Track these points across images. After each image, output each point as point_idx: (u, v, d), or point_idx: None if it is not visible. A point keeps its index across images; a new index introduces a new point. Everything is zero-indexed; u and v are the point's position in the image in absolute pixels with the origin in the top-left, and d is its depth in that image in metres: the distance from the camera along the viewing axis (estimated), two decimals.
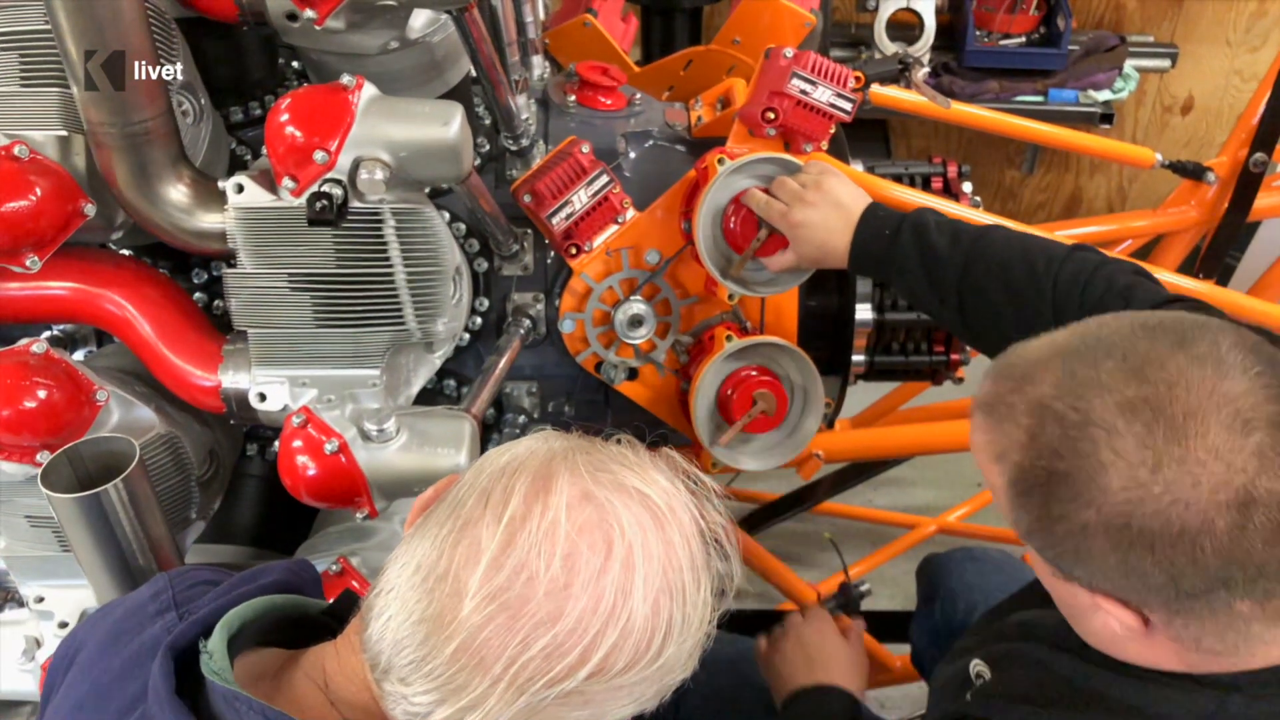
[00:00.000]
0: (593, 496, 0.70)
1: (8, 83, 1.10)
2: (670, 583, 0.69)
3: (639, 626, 0.67)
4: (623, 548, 0.68)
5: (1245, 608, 0.73)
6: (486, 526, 0.68)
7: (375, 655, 0.70)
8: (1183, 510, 0.70)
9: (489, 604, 0.66)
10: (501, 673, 0.65)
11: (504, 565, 0.66)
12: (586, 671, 0.66)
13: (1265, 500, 0.69)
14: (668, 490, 0.73)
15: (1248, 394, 0.70)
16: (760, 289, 1.33)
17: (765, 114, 1.30)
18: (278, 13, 1.15)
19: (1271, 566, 0.70)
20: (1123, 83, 2.73)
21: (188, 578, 0.87)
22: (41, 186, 1.06)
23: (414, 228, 1.13)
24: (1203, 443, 0.70)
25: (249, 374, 1.18)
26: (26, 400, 1.08)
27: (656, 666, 0.69)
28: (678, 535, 0.71)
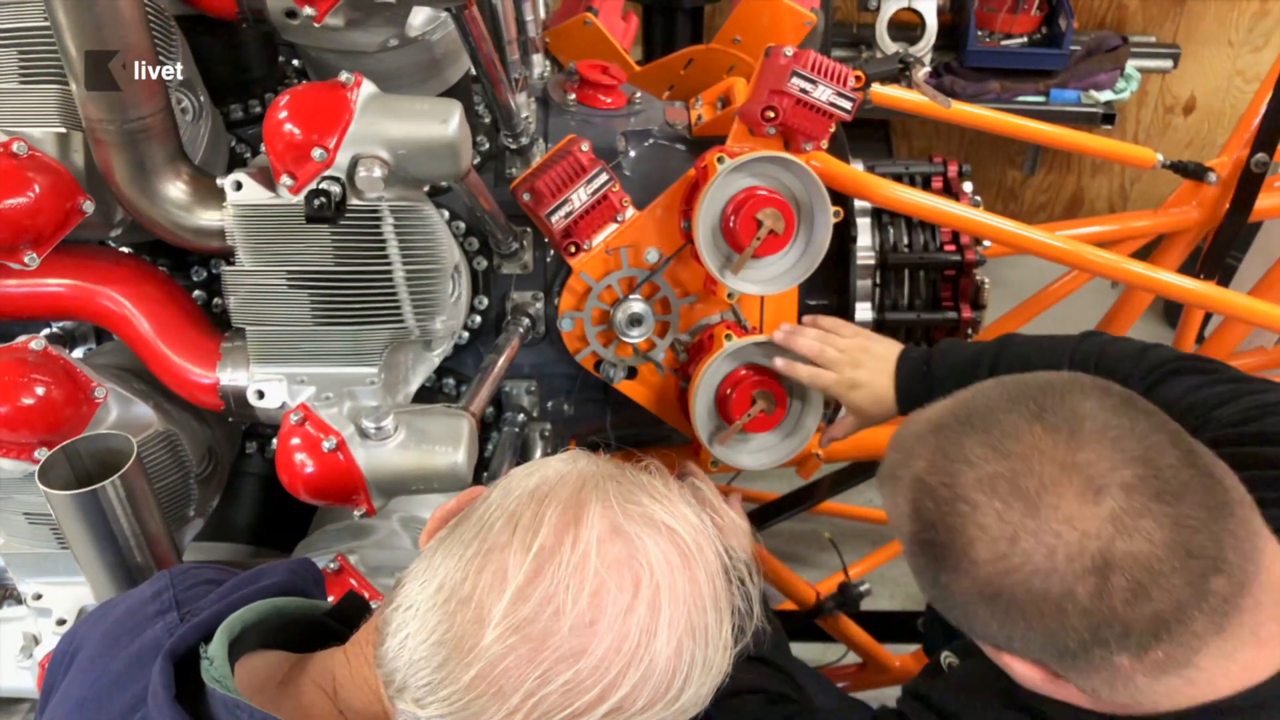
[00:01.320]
0: (623, 531, 0.69)
1: (7, 79, 1.10)
2: (694, 624, 0.69)
3: (661, 668, 0.67)
4: (650, 588, 0.68)
5: (1125, 662, 0.74)
6: (514, 554, 0.67)
7: (390, 672, 0.69)
8: (1044, 579, 0.73)
9: (512, 634, 0.65)
10: (519, 704, 0.65)
11: (530, 596, 0.66)
12: (605, 710, 0.66)
13: (1122, 563, 0.71)
14: (696, 526, 0.73)
15: (1100, 460, 0.73)
16: (760, 288, 1.33)
17: (765, 113, 1.30)
18: (277, 10, 1.15)
19: (1138, 625, 0.72)
20: (1124, 83, 2.72)
21: (189, 577, 0.87)
22: (40, 183, 1.06)
23: (413, 225, 1.13)
24: (1056, 514, 0.72)
25: (247, 371, 1.18)
26: (25, 397, 1.08)
27: (675, 708, 0.69)
28: (703, 574, 0.71)
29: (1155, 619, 0.72)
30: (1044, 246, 1.48)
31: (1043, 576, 0.73)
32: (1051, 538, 0.72)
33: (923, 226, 1.55)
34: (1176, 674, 0.74)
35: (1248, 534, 0.74)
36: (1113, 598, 0.71)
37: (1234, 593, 0.73)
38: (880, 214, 1.55)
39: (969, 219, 1.47)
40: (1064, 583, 0.72)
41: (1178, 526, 0.71)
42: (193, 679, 0.73)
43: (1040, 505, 0.73)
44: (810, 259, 1.32)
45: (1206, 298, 1.58)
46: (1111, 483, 0.72)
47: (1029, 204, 3.28)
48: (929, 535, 0.78)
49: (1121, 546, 0.71)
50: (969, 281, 1.55)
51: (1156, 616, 0.72)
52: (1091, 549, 0.71)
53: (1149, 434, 0.75)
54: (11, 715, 1.42)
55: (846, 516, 2.45)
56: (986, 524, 0.74)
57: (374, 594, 1.15)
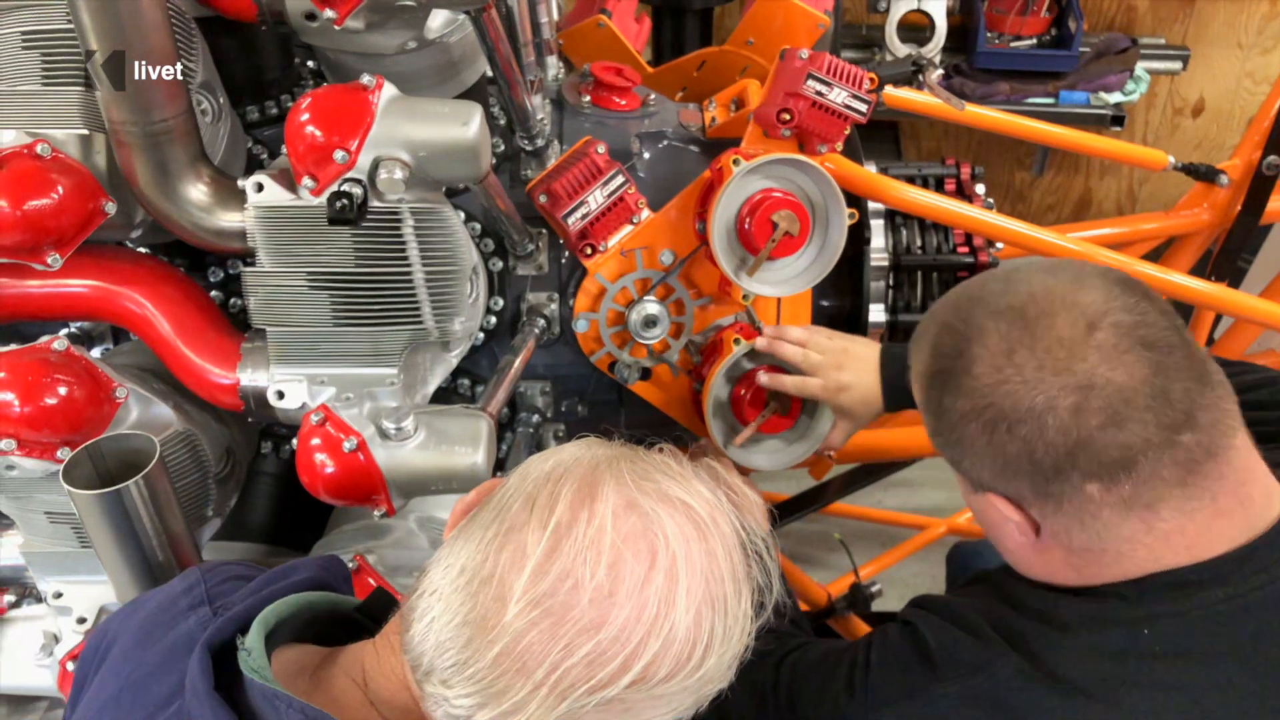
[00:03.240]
0: (637, 505, 0.70)
1: (30, 82, 1.11)
2: (712, 594, 0.70)
3: (681, 637, 0.68)
4: (666, 558, 0.69)
5: (1094, 491, 0.82)
6: (532, 532, 0.69)
7: (417, 657, 0.70)
8: (1030, 391, 0.81)
9: (533, 609, 0.66)
10: (544, 678, 0.66)
11: (549, 571, 0.67)
12: (628, 680, 0.67)
13: (1103, 388, 0.79)
14: (710, 501, 0.74)
15: (1098, 303, 0.82)
16: (775, 289, 1.33)
17: (780, 115, 1.31)
18: (297, 12, 1.16)
19: (1109, 452, 0.80)
20: (1134, 85, 2.72)
21: (219, 572, 0.88)
22: (63, 185, 1.07)
23: (432, 227, 1.14)
24: (1050, 335, 0.81)
25: (267, 372, 1.19)
26: (48, 397, 1.09)
27: (697, 677, 0.69)
28: (720, 547, 0.72)
29: (1125, 450, 0.79)
30: (1056, 248, 1.49)
31: (1029, 388, 0.81)
32: (1043, 354, 0.81)
33: (936, 228, 1.55)
34: (1140, 517, 0.82)
35: (1222, 413, 0.82)
36: (1089, 418, 0.79)
37: (1201, 455, 0.80)
38: (894, 216, 1.56)
39: (982, 221, 1.47)
40: (1048, 396, 0.80)
41: (1160, 372, 0.79)
42: (228, 670, 0.74)
43: (1038, 328, 0.82)
44: (825, 261, 1.32)
45: (1217, 299, 1.58)
46: (1105, 321, 0.81)
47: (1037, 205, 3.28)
48: (940, 364, 0.89)
49: (1104, 373, 0.79)
50: None
51: (1126, 448, 0.79)
52: (1078, 370, 0.80)
53: (1148, 302, 0.83)
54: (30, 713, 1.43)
55: (857, 517, 2.45)
56: (989, 343, 0.84)
57: (394, 593, 1.16)
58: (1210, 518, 0.83)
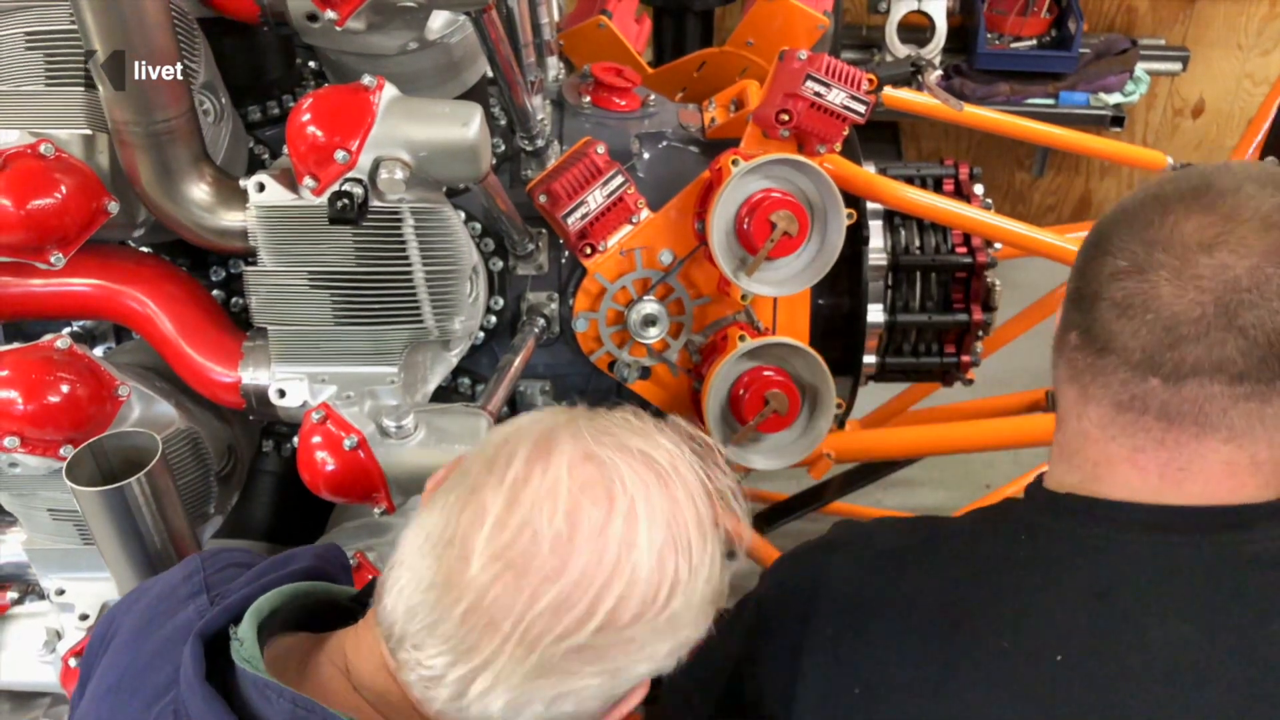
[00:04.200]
0: (594, 456, 0.71)
1: (34, 82, 1.12)
2: (675, 536, 0.71)
3: (644, 578, 0.69)
4: (625, 502, 0.69)
5: (1074, 339, 0.81)
6: (490, 490, 0.70)
7: (389, 626, 0.71)
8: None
9: (495, 563, 0.67)
10: (511, 630, 0.67)
11: (508, 525, 0.68)
12: (595, 624, 0.67)
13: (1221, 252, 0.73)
14: (672, 452, 0.75)
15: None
16: (774, 289, 1.34)
17: (779, 116, 1.31)
18: (299, 13, 1.16)
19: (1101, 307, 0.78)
20: (1134, 86, 2.73)
21: (218, 560, 0.89)
22: (67, 184, 1.08)
23: (432, 227, 1.15)
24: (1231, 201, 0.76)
25: (269, 370, 1.20)
26: (51, 395, 1.09)
27: (665, 619, 0.70)
28: (682, 492, 0.73)
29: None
30: (1055, 249, 1.49)
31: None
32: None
33: (934, 228, 1.56)
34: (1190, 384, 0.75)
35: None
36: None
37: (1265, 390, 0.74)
38: (892, 216, 1.57)
39: (981, 221, 1.48)
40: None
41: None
42: (222, 659, 0.74)
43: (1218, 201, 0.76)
44: (824, 261, 1.33)
45: None
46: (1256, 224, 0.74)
47: (1037, 206, 3.28)
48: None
49: (1223, 256, 0.73)
50: (980, 283, 1.56)
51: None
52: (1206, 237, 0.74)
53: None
54: (32, 709, 1.44)
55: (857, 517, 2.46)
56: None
57: None
58: (1239, 452, 0.77)
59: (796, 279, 1.34)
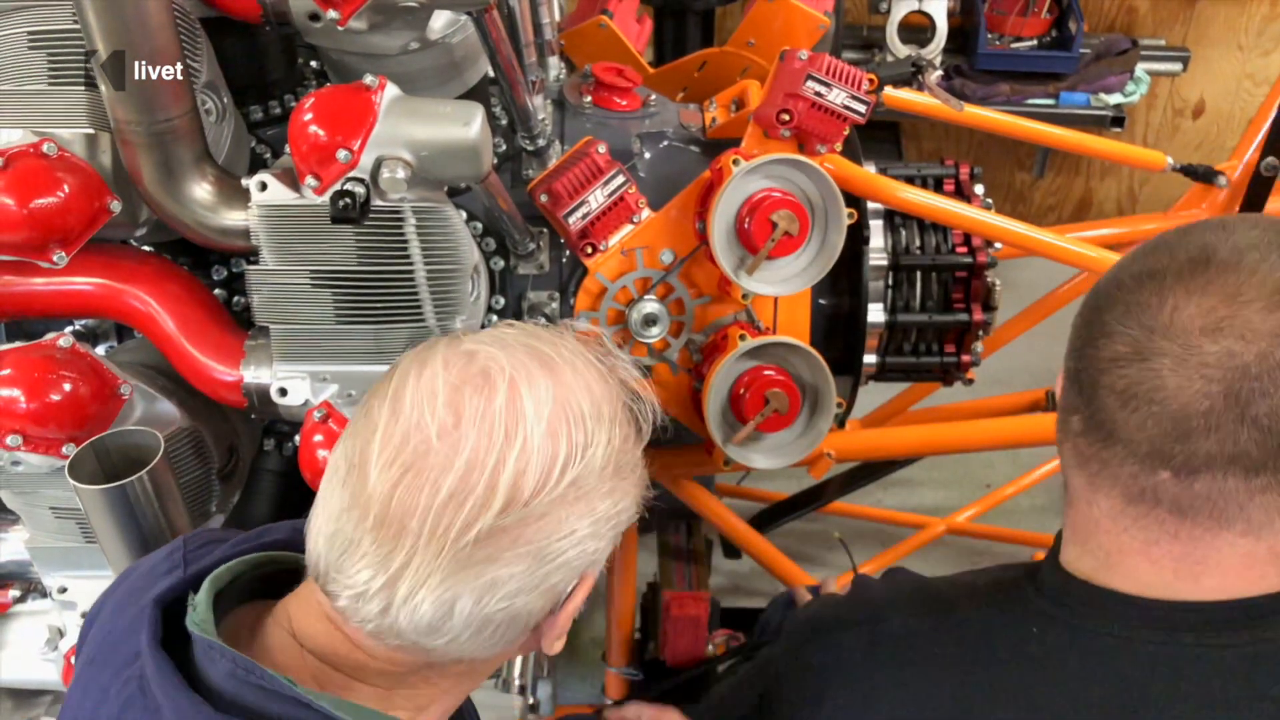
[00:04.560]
0: (470, 352, 0.73)
1: (36, 81, 1.12)
2: (564, 408, 0.71)
3: (537, 448, 0.69)
4: (505, 382, 0.70)
5: (1077, 424, 0.77)
6: (376, 406, 0.72)
7: (314, 564, 0.73)
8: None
9: (390, 468, 0.69)
10: (419, 528, 0.68)
11: (395, 430, 0.70)
12: (498, 504, 0.68)
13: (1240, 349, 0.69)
14: (555, 340, 0.76)
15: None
16: (774, 289, 1.34)
17: (780, 115, 1.32)
18: (300, 13, 1.17)
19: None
20: (1134, 86, 2.74)
21: (201, 537, 0.90)
22: (69, 183, 1.08)
23: (434, 226, 1.15)
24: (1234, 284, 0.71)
25: (270, 369, 1.20)
26: (53, 393, 1.10)
27: (569, 489, 0.70)
28: (569, 372, 0.73)
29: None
30: (1056, 249, 1.50)
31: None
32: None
33: (935, 228, 1.56)
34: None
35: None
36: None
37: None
38: (893, 216, 1.57)
39: (981, 221, 1.48)
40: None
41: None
42: (184, 627, 0.76)
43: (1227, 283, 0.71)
44: (824, 260, 1.33)
45: None
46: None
47: (1038, 206, 3.29)
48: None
49: (1229, 343, 0.69)
50: (981, 283, 1.56)
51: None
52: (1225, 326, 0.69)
53: None
54: (34, 708, 1.44)
55: (857, 516, 2.46)
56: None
57: None
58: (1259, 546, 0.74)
59: (797, 278, 1.35)
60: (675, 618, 1.78)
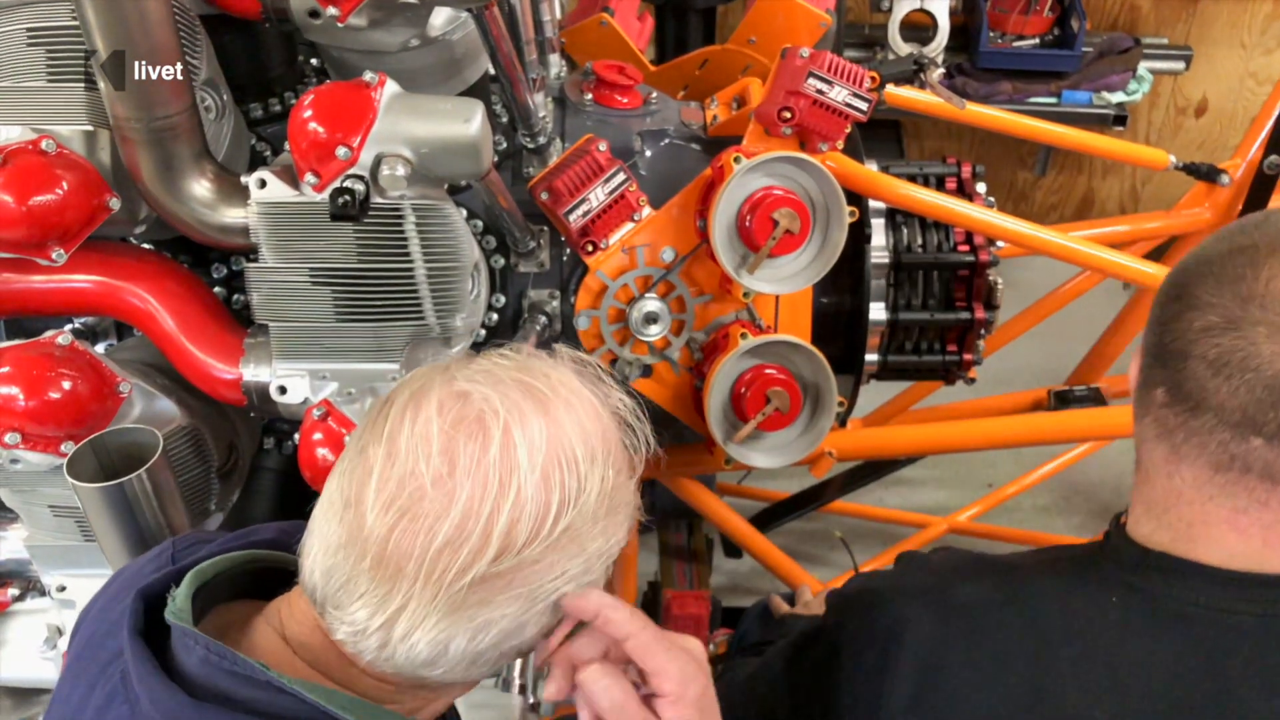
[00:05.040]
0: (464, 393, 0.73)
1: (35, 78, 1.12)
2: (558, 454, 0.72)
3: (531, 498, 0.70)
4: (499, 429, 0.71)
5: (1161, 396, 0.79)
6: (373, 446, 0.72)
7: (312, 590, 0.74)
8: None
9: (387, 513, 0.69)
10: (415, 572, 0.69)
11: (391, 475, 0.70)
12: (492, 552, 0.69)
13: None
14: (549, 375, 0.76)
15: None
16: (775, 287, 1.34)
17: (781, 113, 1.31)
18: (300, 10, 1.16)
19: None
20: (1136, 85, 2.73)
21: (190, 537, 0.91)
22: (68, 180, 1.08)
23: (434, 224, 1.15)
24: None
25: (270, 367, 1.20)
26: (52, 391, 1.09)
27: (563, 536, 0.71)
28: (562, 411, 0.74)
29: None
30: (1058, 247, 1.49)
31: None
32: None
33: (936, 227, 1.56)
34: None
35: None
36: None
37: None
38: (894, 214, 1.56)
39: (983, 219, 1.48)
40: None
41: None
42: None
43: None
44: (826, 258, 1.33)
45: None
46: None
47: (1040, 205, 3.28)
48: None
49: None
50: (982, 282, 1.56)
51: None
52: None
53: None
54: (32, 706, 1.44)
55: (858, 515, 2.46)
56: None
57: None
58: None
59: (798, 277, 1.34)
60: (676, 617, 1.78)
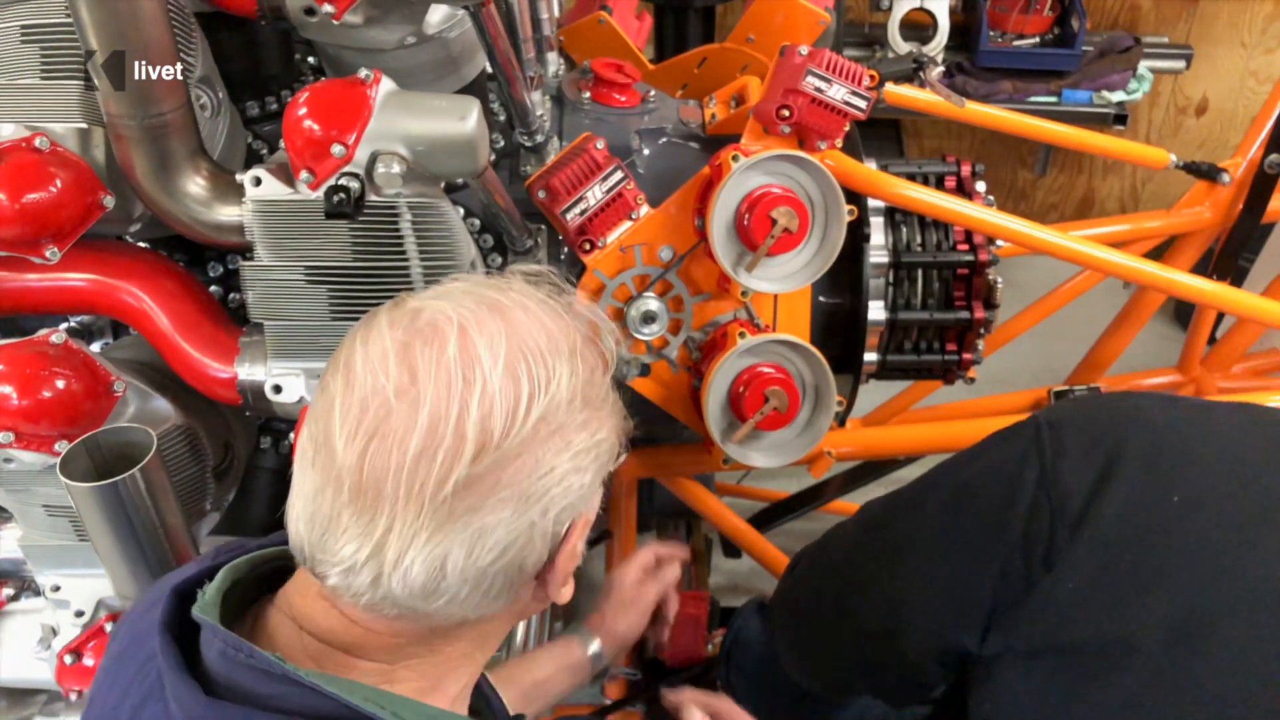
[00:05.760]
0: (416, 309, 0.71)
1: (29, 75, 1.11)
2: (519, 346, 0.70)
3: (499, 389, 0.68)
4: (453, 331, 0.69)
5: None
6: (331, 377, 0.71)
7: (299, 548, 0.71)
8: None
9: (354, 439, 0.67)
10: (394, 490, 0.66)
11: (352, 400, 0.68)
12: (469, 452, 0.66)
13: None
14: (501, 285, 0.75)
15: None
16: (774, 286, 1.33)
17: (780, 111, 1.31)
18: (296, 7, 1.16)
19: None
20: (1137, 84, 2.72)
21: (236, 542, 0.89)
22: (62, 178, 1.07)
23: (430, 222, 1.14)
24: None
25: (265, 366, 1.19)
26: (45, 390, 1.09)
27: (539, 424, 0.69)
28: (519, 313, 0.72)
29: None
30: (1057, 247, 1.48)
31: None
32: None
33: (936, 226, 1.55)
34: None
35: None
36: None
37: None
38: (893, 213, 1.56)
39: (982, 219, 1.47)
40: None
41: None
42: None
43: None
44: (824, 257, 1.32)
45: (1219, 298, 1.58)
46: None
47: (1040, 204, 3.28)
48: None
49: None
50: (982, 281, 1.55)
51: None
52: None
53: None
54: (28, 707, 1.43)
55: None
56: None
57: None
58: None
59: (797, 276, 1.34)
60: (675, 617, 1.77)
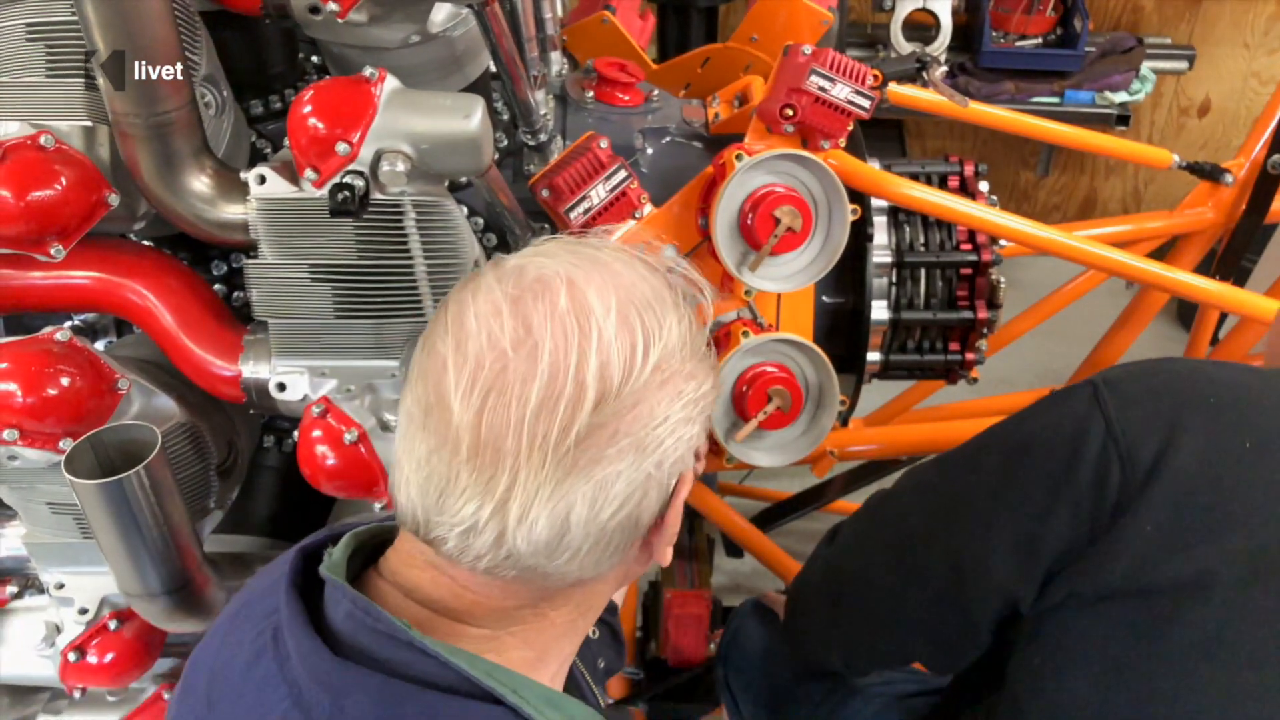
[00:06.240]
0: (520, 267, 0.72)
1: (34, 73, 1.11)
2: (629, 297, 0.70)
3: (614, 338, 0.68)
4: (563, 284, 0.69)
5: None
6: (439, 342, 0.70)
7: (411, 518, 0.71)
8: None
9: (471, 395, 0.66)
10: (516, 444, 0.65)
11: (467, 355, 0.67)
12: (590, 401, 0.66)
13: None
14: (597, 244, 0.75)
15: None
16: (777, 285, 1.33)
17: (784, 110, 1.31)
18: (300, 6, 1.16)
19: None
20: (1139, 84, 2.72)
21: (344, 524, 0.88)
22: (67, 176, 1.07)
23: (434, 220, 1.14)
24: None
25: (269, 364, 1.19)
26: (50, 387, 1.09)
27: (654, 373, 0.69)
28: (622, 267, 0.72)
29: None
30: (1061, 246, 1.48)
31: None
32: None
33: (939, 225, 1.55)
34: None
35: None
36: None
37: None
38: (897, 213, 1.56)
39: (986, 218, 1.47)
40: None
41: None
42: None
43: None
44: (827, 257, 1.32)
45: (1222, 298, 1.58)
46: None
47: (1042, 205, 3.28)
48: None
49: None
50: (985, 281, 1.55)
51: None
52: None
53: None
54: (31, 704, 1.43)
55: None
56: None
57: None
58: None
59: (800, 275, 1.34)
60: (677, 616, 1.78)
